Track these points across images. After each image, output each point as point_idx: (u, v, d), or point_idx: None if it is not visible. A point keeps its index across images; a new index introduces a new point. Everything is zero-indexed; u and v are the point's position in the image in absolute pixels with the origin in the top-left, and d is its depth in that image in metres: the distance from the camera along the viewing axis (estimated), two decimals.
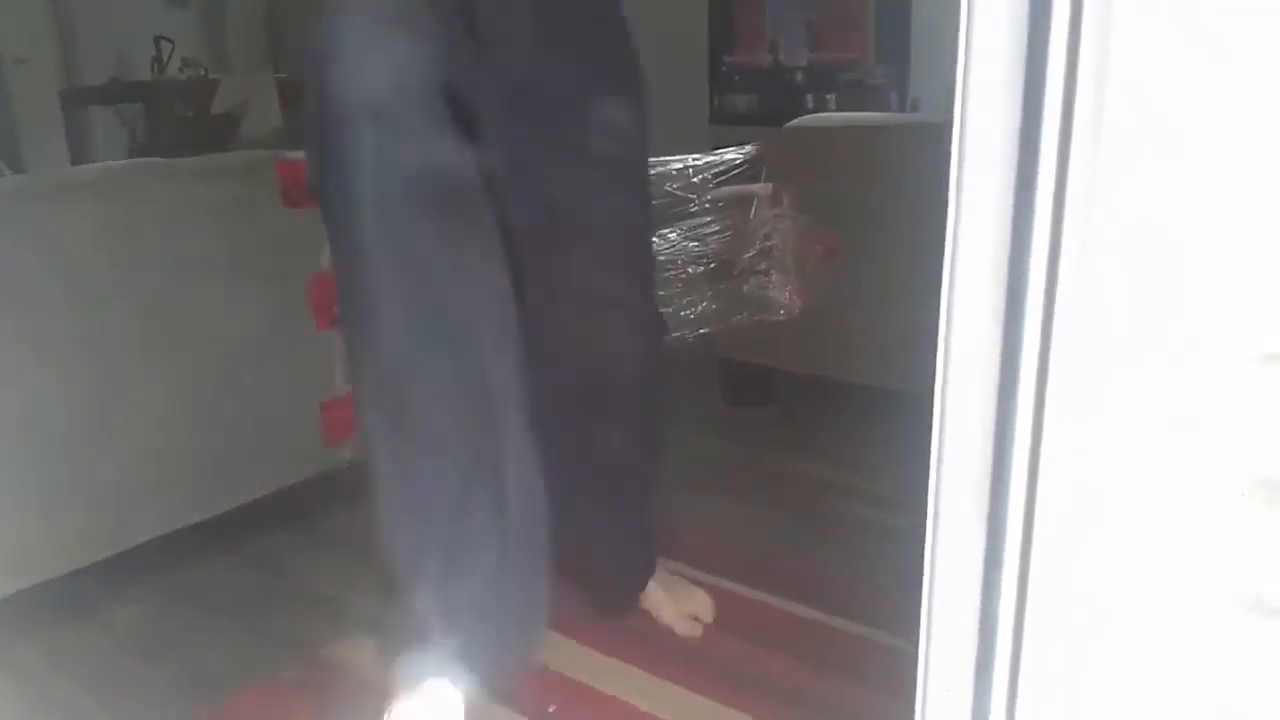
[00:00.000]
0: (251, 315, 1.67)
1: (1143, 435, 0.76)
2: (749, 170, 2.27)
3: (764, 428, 2.36)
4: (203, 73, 4.28)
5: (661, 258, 2.20)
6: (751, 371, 2.40)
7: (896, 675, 1.37)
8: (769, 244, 2.18)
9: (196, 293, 1.60)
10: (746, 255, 2.24)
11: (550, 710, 1.33)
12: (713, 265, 2.29)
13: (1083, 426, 0.76)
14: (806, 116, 2.26)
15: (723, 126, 4.50)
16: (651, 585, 1.52)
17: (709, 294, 2.32)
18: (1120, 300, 0.72)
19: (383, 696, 1.16)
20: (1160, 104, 0.69)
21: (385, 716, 1.13)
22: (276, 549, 1.82)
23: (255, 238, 1.65)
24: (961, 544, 0.85)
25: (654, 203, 1.61)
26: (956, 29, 0.73)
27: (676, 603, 1.52)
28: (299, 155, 1.30)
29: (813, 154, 2.18)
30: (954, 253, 0.81)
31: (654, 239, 1.82)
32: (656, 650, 1.45)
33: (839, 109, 3.47)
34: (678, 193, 2.25)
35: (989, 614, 0.86)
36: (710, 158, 2.28)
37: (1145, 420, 0.75)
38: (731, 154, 2.27)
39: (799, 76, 3.88)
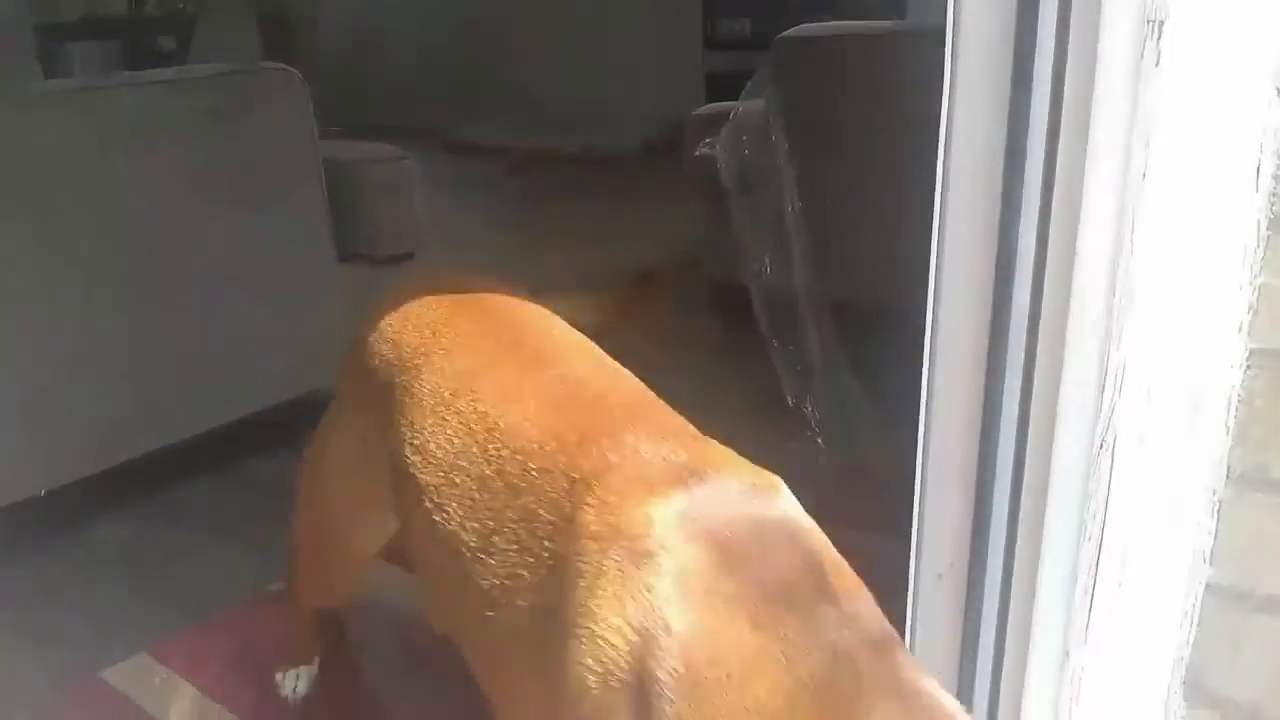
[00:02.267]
0: (230, 234, 1.62)
1: None
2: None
3: (750, 348, 2.32)
4: (181, 6, 4.18)
5: None
6: (740, 293, 2.36)
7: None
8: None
9: (171, 210, 1.56)
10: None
11: None
12: None
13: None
14: (798, 27, 2.19)
15: (718, 52, 4.41)
16: None
17: None
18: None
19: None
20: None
21: None
22: (263, 470, 1.80)
23: (233, 152, 1.60)
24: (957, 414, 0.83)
25: None
26: None
27: None
28: None
29: (804, 68, 2.12)
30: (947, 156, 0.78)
31: None
32: None
33: None
34: None
35: (985, 488, 0.84)
36: None
37: None
38: None
39: None
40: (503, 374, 0.86)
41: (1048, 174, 0.73)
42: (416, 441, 0.83)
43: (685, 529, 0.65)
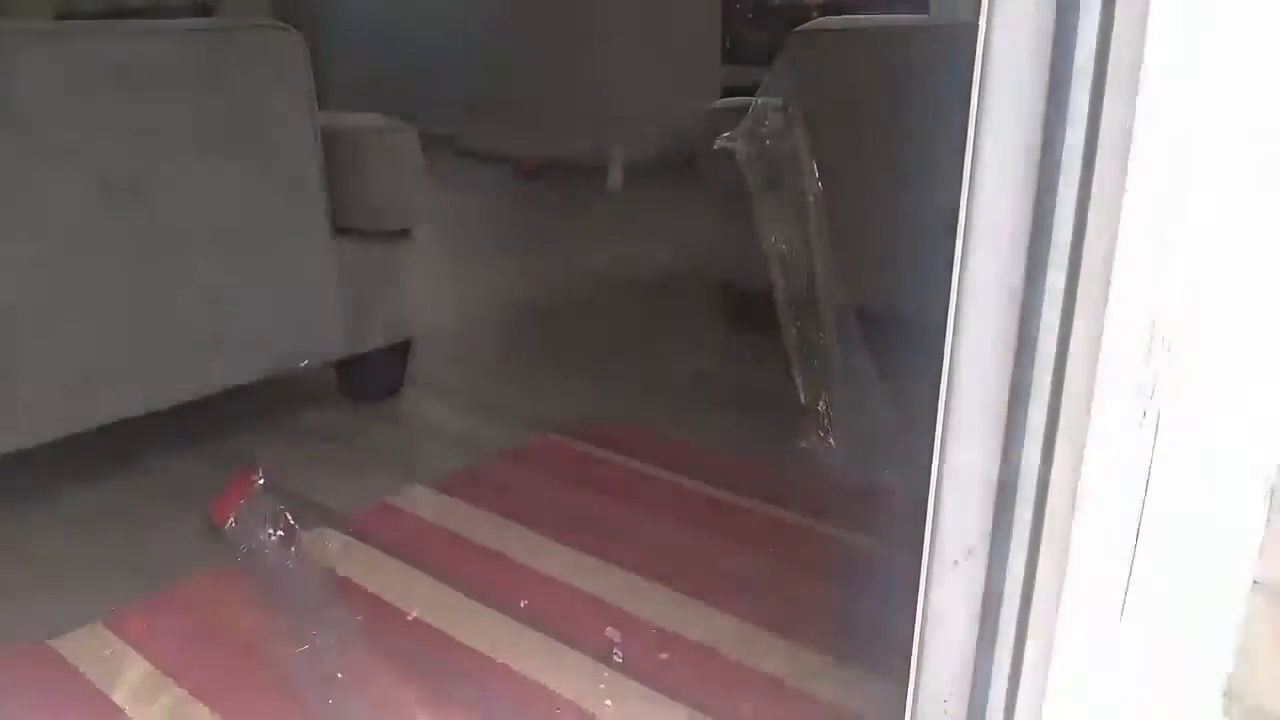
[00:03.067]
0: (221, 192, 1.55)
1: None
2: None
3: (764, 351, 2.25)
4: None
5: None
6: (753, 296, 2.28)
7: (849, 564, 1.31)
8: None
9: (160, 163, 1.49)
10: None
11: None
12: None
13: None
14: (817, 20, 2.13)
15: (736, 67, 4.37)
16: None
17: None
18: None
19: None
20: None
21: None
22: (241, 444, 1.73)
23: (221, 108, 1.53)
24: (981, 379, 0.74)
25: None
26: None
27: None
28: None
29: (826, 59, 2.06)
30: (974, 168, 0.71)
31: None
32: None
33: None
34: None
35: (1011, 464, 0.76)
36: None
37: None
38: None
39: (815, 13, 3.75)
40: None
41: (1085, 174, 0.66)
42: None
43: None
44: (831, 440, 1.66)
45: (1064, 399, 0.72)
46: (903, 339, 1.36)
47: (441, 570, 1.32)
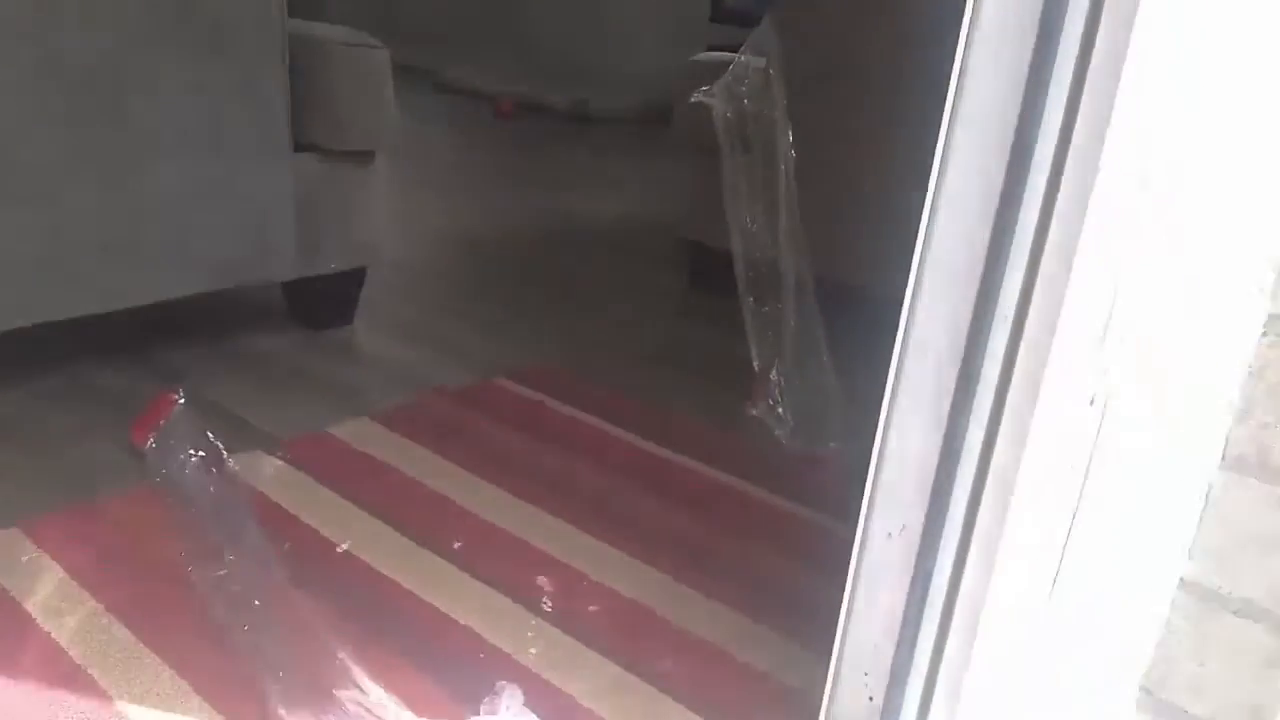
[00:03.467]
0: (177, 93, 1.49)
1: None
2: None
3: (723, 314, 2.24)
4: None
5: None
6: (718, 256, 2.26)
7: (792, 534, 1.31)
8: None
9: (115, 56, 1.42)
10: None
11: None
12: None
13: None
14: None
15: (723, 27, 4.31)
16: None
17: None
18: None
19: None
20: None
21: None
22: (178, 362, 1.68)
23: (188, 4, 1.46)
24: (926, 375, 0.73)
25: None
26: None
27: None
28: None
29: (815, 18, 2.02)
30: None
31: None
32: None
33: None
34: None
35: (954, 439, 0.75)
36: None
37: None
38: None
39: None
40: None
41: (1060, 149, 0.64)
42: None
43: None
44: (780, 410, 1.66)
45: (1013, 379, 0.71)
46: (861, 313, 1.35)
47: (376, 505, 1.29)
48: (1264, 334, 0.70)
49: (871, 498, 0.81)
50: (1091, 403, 0.69)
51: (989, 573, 0.74)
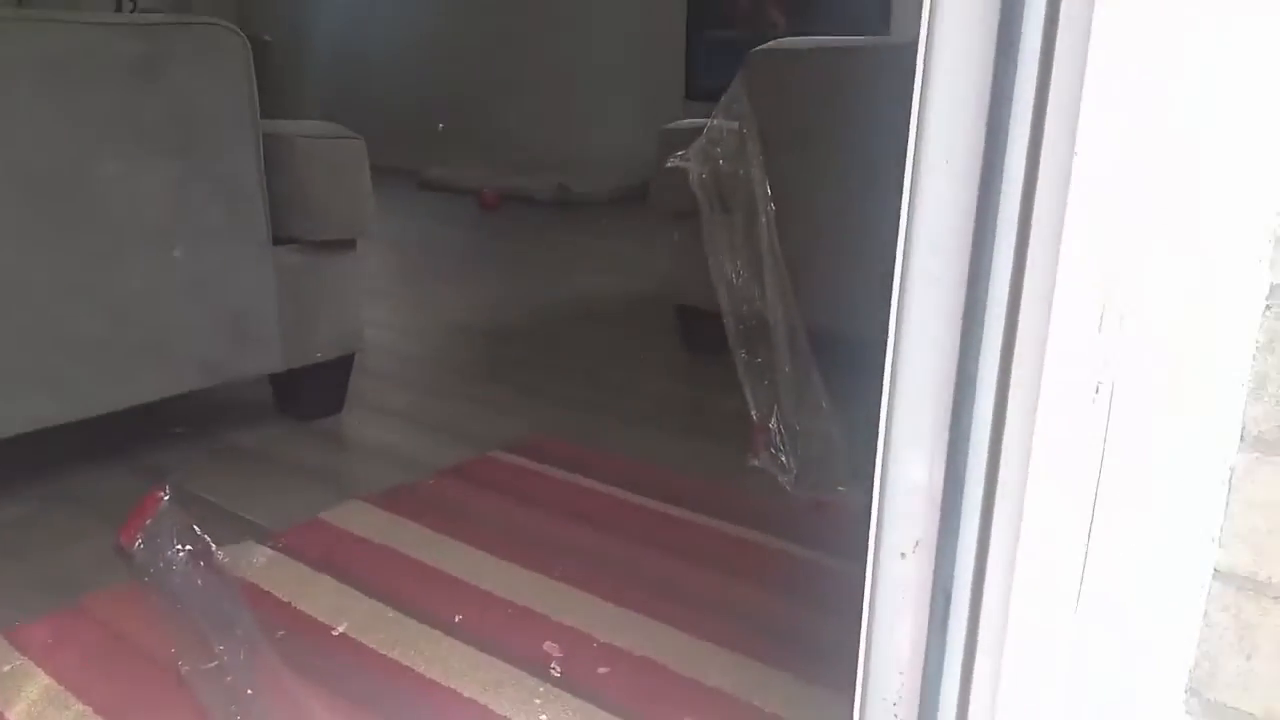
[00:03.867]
0: (154, 192, 1.49)
1: None
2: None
3: (717, 372, 2.22)
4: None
5: None
6: (707, 317, 2.25)
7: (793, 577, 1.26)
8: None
9: (90, 160, 1.42)
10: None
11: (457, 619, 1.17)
12: None
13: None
14: (775, 40, 2.12)
15: (699, 103, 4.39)
16: None
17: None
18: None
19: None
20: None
21: None
22: (166, 460, 1.65)
23: (157, 106, 1.48)
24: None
25: None
26: None
27: None
28: None
29: (784, 79, 2.05)
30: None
31: None
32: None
33: None
34: None
35: (959, 445, 0.72)
36: None
37: None
38: None
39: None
40: None
41: (1037, 119, 0.64)
42: None
43: None
44: (783, 458, 1.62)
45: (1012, 377, 0.68)
46: (852, 358, 1.33)
47: (372, 585, 1.25)
48: (1268, 307, 0.68)
49: (880, 516, 0.77)
50: (1097, 392, 0.67)
51: (1011, 579, 0.70)
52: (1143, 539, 0.72)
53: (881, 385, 0.76)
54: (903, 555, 0.78)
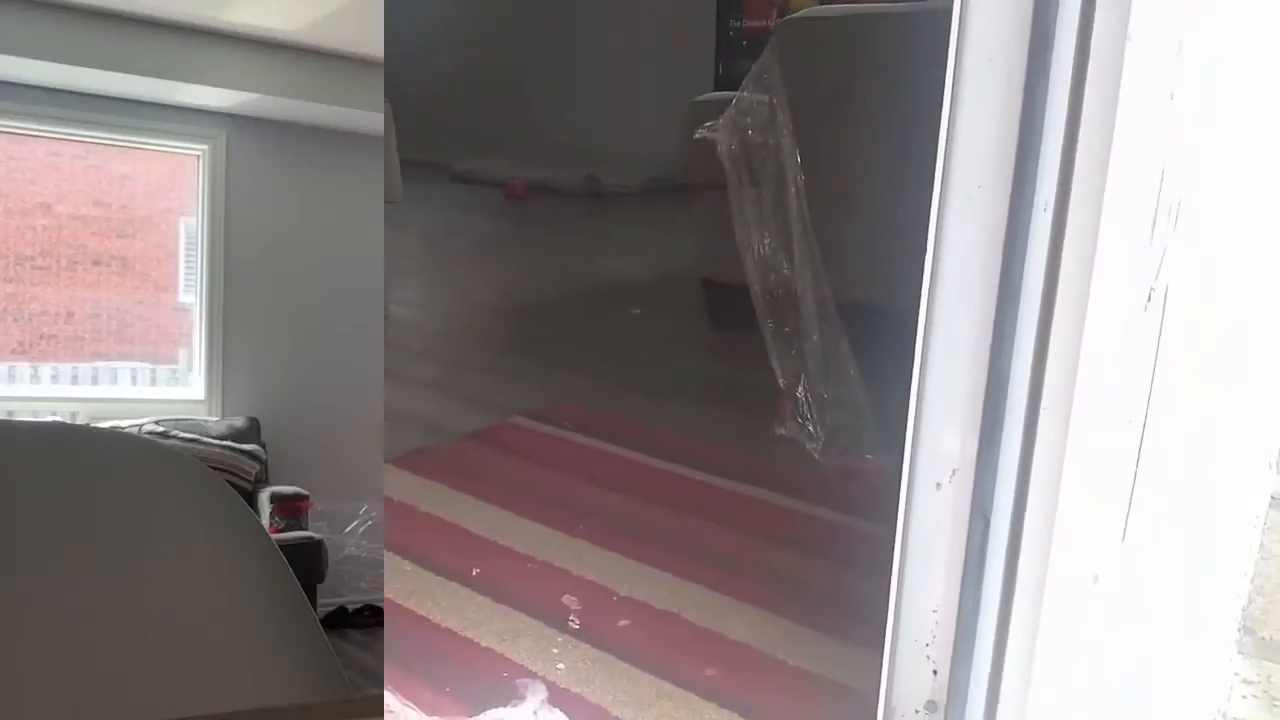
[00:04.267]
0: None
1: None
2: None
3: (744, 344, 2.19)
4: None
5: None
6: (734, 290, 2.22)
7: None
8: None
9: None
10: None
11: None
12: None
13: None
14: (805, 9, 2.09)
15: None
16: None
17: None
18: None
19: None
20: None
21: None
22: None
23: None
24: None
25: None
26: None
27: None
28: None
29: (811, 49, 2.01)
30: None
31: None
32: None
33: None
34: None
35: (1000, 363, 0.68)
36: None
37: None
38: None
39: None
40: None
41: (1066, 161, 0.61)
42: None
43: None
44: (810, 426, 1.58)
45: (1059, 284, 0.64)
46: (883, 329, 1.29)
47: (390, 540, 1.23)
48: None
49: (915, 442, 0.74)
50: (1149, 298, 0.63)
51: (1055, 504, 0.67)
52: (1194, 463, 0.67)
53: (911, 358, 0.73)
54: (938, 485, 0.74)
